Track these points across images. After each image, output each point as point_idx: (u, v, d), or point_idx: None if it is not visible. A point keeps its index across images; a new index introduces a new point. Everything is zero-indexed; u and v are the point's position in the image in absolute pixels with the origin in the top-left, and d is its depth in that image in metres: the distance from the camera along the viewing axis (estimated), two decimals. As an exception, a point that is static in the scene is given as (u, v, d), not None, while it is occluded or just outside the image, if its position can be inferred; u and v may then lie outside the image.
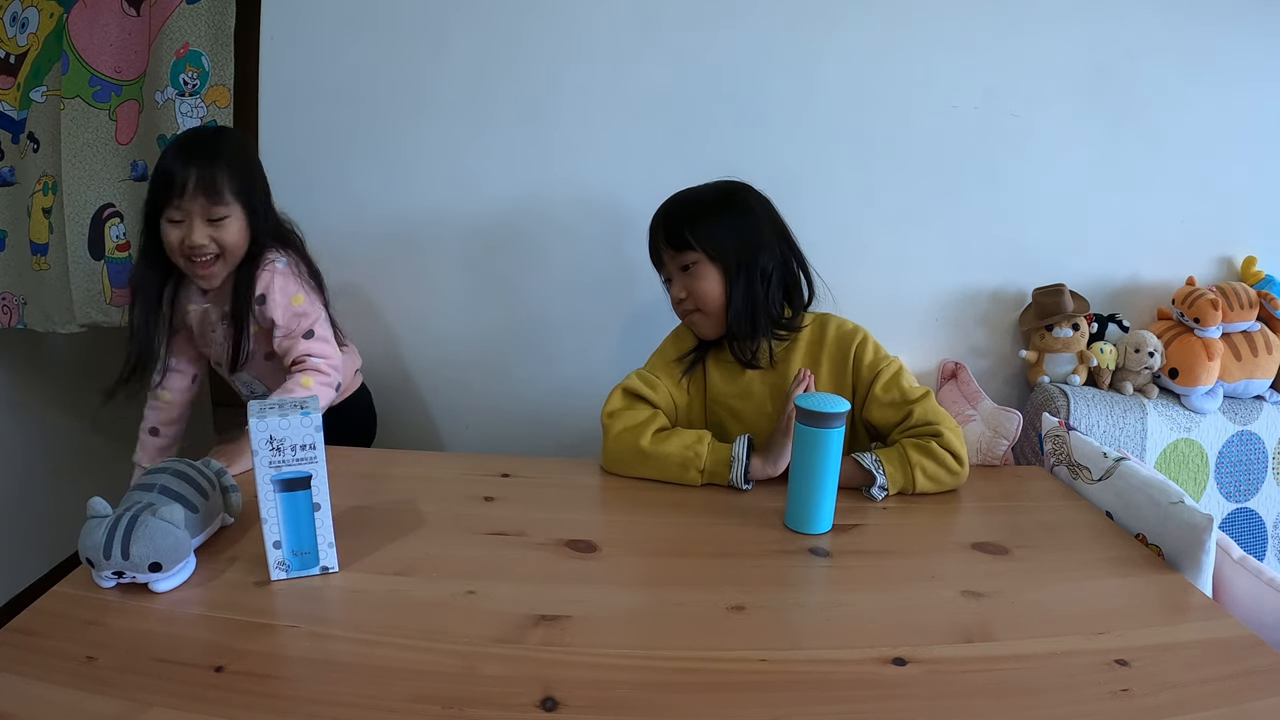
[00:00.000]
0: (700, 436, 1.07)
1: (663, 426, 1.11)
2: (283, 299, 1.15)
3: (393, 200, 1.49)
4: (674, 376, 1.17)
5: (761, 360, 1.13)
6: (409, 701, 0.62)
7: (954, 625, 0.75)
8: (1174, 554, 0.89)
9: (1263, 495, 1.47)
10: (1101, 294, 1.55)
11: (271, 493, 0.76)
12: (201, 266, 1.13)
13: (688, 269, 1.11)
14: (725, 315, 1.11)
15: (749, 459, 1.04)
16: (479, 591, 0.79)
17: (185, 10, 1.34)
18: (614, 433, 1.08)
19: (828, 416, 0.91)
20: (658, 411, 1.12)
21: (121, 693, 0.61)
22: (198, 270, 1.13)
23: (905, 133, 1.47)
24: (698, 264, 1.10)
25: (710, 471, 1.04)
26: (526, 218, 1.49)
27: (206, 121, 1.36)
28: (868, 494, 1.03)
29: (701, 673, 0.68)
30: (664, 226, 1.13)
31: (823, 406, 0.91)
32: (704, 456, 1.05)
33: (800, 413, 0.93)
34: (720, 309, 1.11)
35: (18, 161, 1.47)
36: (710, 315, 1.12)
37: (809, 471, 0.93)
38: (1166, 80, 1.47)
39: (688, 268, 1.11)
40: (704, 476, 1.05)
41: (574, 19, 1.41)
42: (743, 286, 1.10)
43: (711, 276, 1.10)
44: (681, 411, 1.17)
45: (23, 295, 1.52)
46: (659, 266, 1.17)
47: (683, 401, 1.17)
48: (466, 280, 1.54)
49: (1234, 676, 0.69)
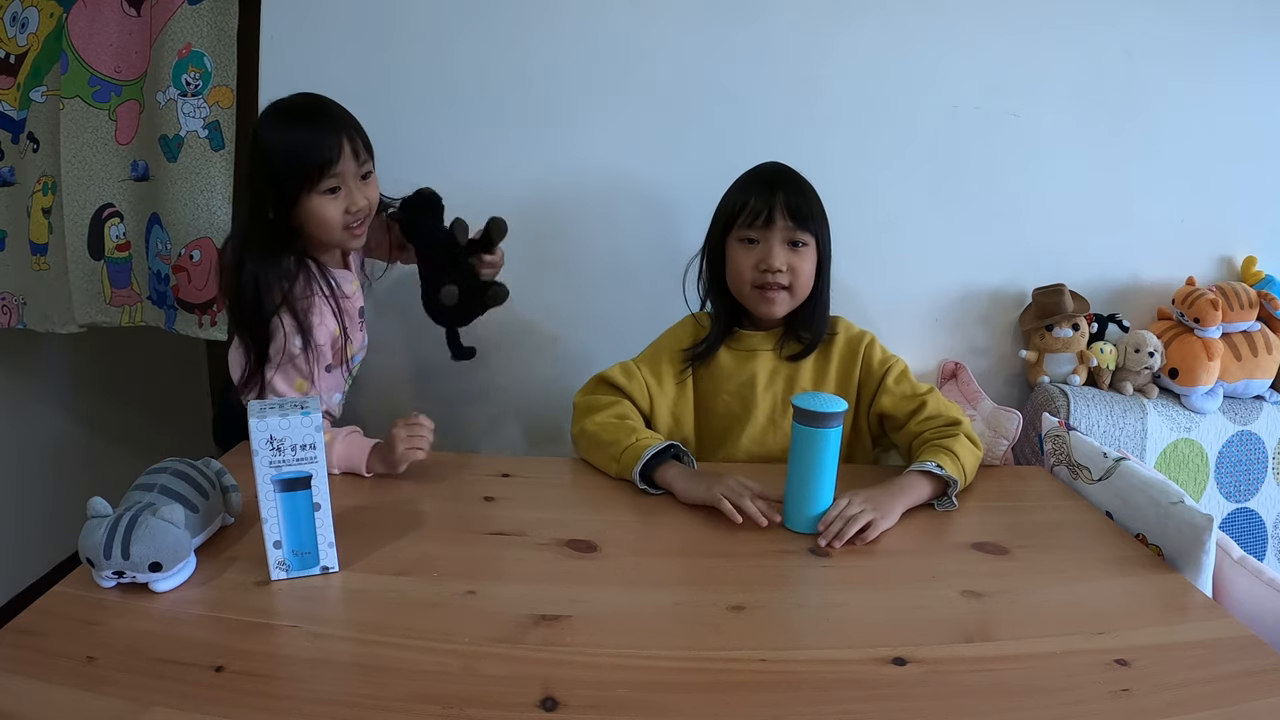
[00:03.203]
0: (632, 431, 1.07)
1: (623, 415, 1.12)
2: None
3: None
4: (671, 369, 1.18)
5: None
6: (409, 701, 0.62)
7: (954, 625, 0.75)
8: (1174, 554, 0.89)
9: (1263, 495, 1.47)
10: (1101, 294, 1.55)
11: (271, 493, 0.76)
12: (361, 227, 1.13)
13: (797, 246, 1.11)
14: (805, 302, 1.14)
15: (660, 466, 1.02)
16: (479, 591, 0.79)
17: (187, 11, 1.34)
18: (574, 416, 1.15)
19: (825, 416, 0.91)
20: (622, 400, 1.14)
21: (121, 693, 0.62)
22: (356, 233, 1.13)
23: (906, 132, 1.46)
24: (808, 246, 1.12)
25: (624, 465, 1.04)
26: (527, 217, 1.49)
27: (209, 122, 1.36)
28: (940, 505, 1.02)
29: (701, 673, 0.68)
30: (788, 197, 1.10)
31: (820, 406, 0.91)
32: (622, 446, 1.05)
33: (798, 412, 0.93)
34: (806, 294, 1.13)
35: (17, 161, 1.47)
36: (795, 297, 1.13)
37: (807, 471, 0.93)
38: (1167, 80, 1.47)
39: (798, 245, 1.11)
40: (618, 467, 1.05)
41: (574, 19, 1.41)
42: (825, 282, 1.15)
43: (812, 262, 1.12)
44: (664, 406, 1.18)
45: (22, 295, 1.52)
46: (755, 227, 1.11)
47: (667, 396, 1.18)
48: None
49: (1234, 676, 0.69)
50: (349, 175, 1.08)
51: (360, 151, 1.09)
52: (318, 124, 1.07)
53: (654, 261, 1.46)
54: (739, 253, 1.13)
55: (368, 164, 1.11)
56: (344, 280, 1.19)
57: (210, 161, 1.36)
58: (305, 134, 1.06)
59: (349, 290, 1.20)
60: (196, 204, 1.36)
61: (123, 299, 1.47)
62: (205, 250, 1.38)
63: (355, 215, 1.10)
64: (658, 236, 1.47)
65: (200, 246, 1.38)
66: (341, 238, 1.12)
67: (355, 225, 1.11)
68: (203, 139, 1.36)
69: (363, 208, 1.10)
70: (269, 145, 1.06)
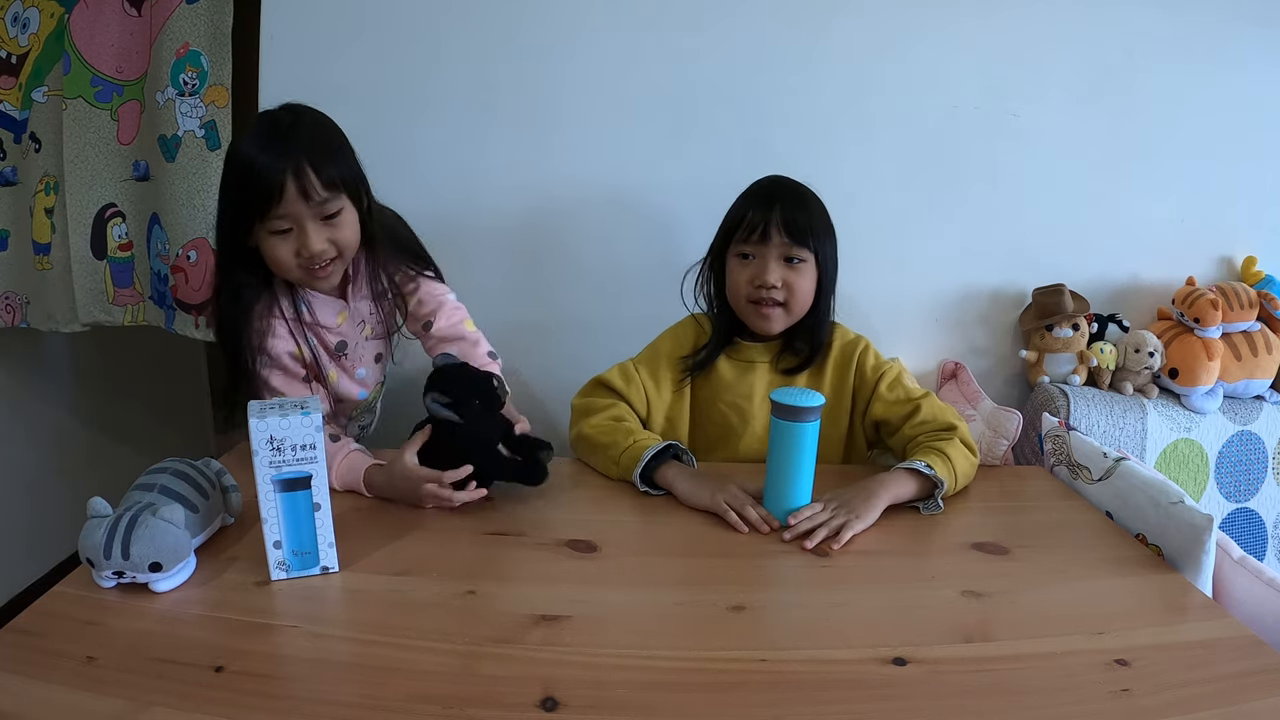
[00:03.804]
0: (630, 433, 1.07)
1: (620, 417, 1.11)
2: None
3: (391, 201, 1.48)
4: (669, 374, 1.17)
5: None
6: (409, 701, 0.62)
7: (954, 625, 0.75)
8: (1174, 554, 0.89)
9: (1263, 495, 1.47)
10: (1101, 294, 1.55)
11: (271, 493, 0.76)
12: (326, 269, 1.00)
13: (793, 262, 1.10)
14: (803, 318, 1.13)
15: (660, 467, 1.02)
16: (479, 591, 0.79)
17: (184, 10, 1.34)
18: (571, 419, 1.15)
19: (803, 410, 0.91)
20: (618, 402, 1.14)
21: (121, 693, 0.62)
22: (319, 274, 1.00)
23: (906, 132, 1.46)
24: (805, 263, 1.10)
25: (624, 467, 1.04)
26: (527, 219, 1.49)
27: (205, 122, 1.36)
28: (926, 509, 1.01)
29: (701, 673, 0.68)
30: (784, 214, 1.09)
31: (798, 400, 0.92)
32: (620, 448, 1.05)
33: (776, 407, 0.93)
34: (803, 311, 1.12)
35: (20, 161, 1.47)
36: (791, 313, 1.12)
37: (785, 465, 0.94)
38: (1167, 81, 1.47)
39: (794, 261, 1.10)
40: (618, 469, 1.05)
41: (574, 18, 1.41)
42: (825, 299, 1.14)
43: (810, 279, 1.11)
44: (660, 411, 1.18)
45: (25, 295, 1.52)
46: (751, 242, 1.10)
47: (663, 400, 1.18)
48: (465, 281, 1.53)
49: (1234, 676, 0.69)
50: (301, 216, 0.94)
51: (313, 191, 0.93)
52: (269, 153, 0.92)
53: (652, 263, 1.47)
54: (736, 267, 1.13)
55: (329, 203, 0.95)
56: (323, 307, 1.06)
57: (207, 161, 1.36)
58: (254, 163, 0.92)
59: (328, 320, 1.07)
60: (193, 204, 1.37)
61: (125, 298, 1.47)
62: (201, 251, 1.38)
63: (310, 259, 0.96)
64: (656, 239, 1.47)
65: (196, 247, 1.38)
66: (302, 278, 1.00)
67: (316, 268, 0.98)
68: (199, 139, 1.36)
69: (318, 253, 0.96)
70: (228, 164, 0.97)
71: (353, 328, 1.11)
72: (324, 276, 1.00)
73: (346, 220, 0.99)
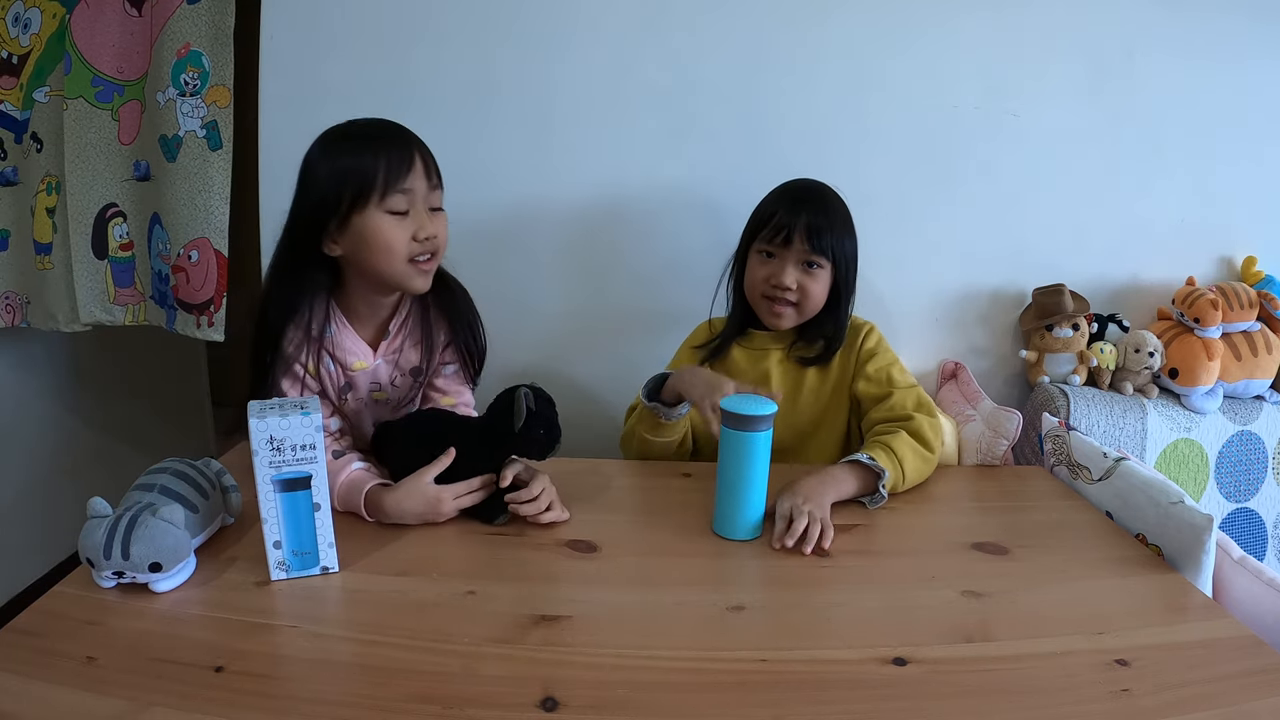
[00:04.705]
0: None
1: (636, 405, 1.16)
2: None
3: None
4: (688, 362, 1.21)
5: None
6: (409, 701, 0.62)
7: (954, 625, 0.75)
8: (1174, 554, 0.89)
9: (1263, 495, 1.47)
10: (1101, 294, 1.55)
11: (271, 493, 0.76)
12: (430, 263, 0.97)
13: (811, 267, 1.13)
14: (815, 319, 1.16)
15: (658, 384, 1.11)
16: (479, 591, 0.79)
17: (185, 10, 1.34)
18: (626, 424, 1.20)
19: (753, 419, 0.89)
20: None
21: (121, 693, 0.62)
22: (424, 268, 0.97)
23: (906, 132, 1.46)
24: (822, 269, 1.13)
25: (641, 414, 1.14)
26: (529, 219, 1.49)
27: (207, 122, 1.36)
28: (871, 503, 1.00)
29: (701, 673, 0.68)
30: (809, 220, 1.11)
31: (748, 409, 0.89)
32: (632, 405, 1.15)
33: (726, 416, 0.91)
34: (814, 311, 1.16)
35: (21, 161, 1.47)
36: (802, 313, 1.16)
37: (736, 477, 0.90)
38: (1167, 80, 1.47)
39: (811, 266, 1.13)
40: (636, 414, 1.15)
41: (574, 18, 1.41)
42: (842, 304, 1.17)
43: (825, 283, 1.14)
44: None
45: (26, 294, 1.52)
46: (774, 243, 1.13)
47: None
48: (471, 280, 1.53)
49: (1234, 676, 0.69)
50: (419, 196, 0.93)
51: (433, 175, 0.95)
52: (390, 137, 0.93)
53: (652, 264, 1.47)
54: (756, 262, 1.17)
55: (439, 194, 0.97)
56: (347, 343, 1.01)
57: (208, 161, 1.37)
58: (374, 145, 0.91)
59: (346, 359, 1.01)
60: (195, 204, 1.37)
61: (126, 298, 1.47)
62: (203, 250, 1.38)
63: (425, 245, 0.94)
64: (656, 239, 1.47)
65: (198, 247, 1.38)
66: (404, 271, 0.94)
67: (423, 259, 0.95)
68: (200, 139, 1.36)
69: (433, 237, 0.94)
70: (326, 159, 0.92)
71: (364, 381, 1.04)
72: (427, 271, 0.97)
73: (445, 220, 0.98)
